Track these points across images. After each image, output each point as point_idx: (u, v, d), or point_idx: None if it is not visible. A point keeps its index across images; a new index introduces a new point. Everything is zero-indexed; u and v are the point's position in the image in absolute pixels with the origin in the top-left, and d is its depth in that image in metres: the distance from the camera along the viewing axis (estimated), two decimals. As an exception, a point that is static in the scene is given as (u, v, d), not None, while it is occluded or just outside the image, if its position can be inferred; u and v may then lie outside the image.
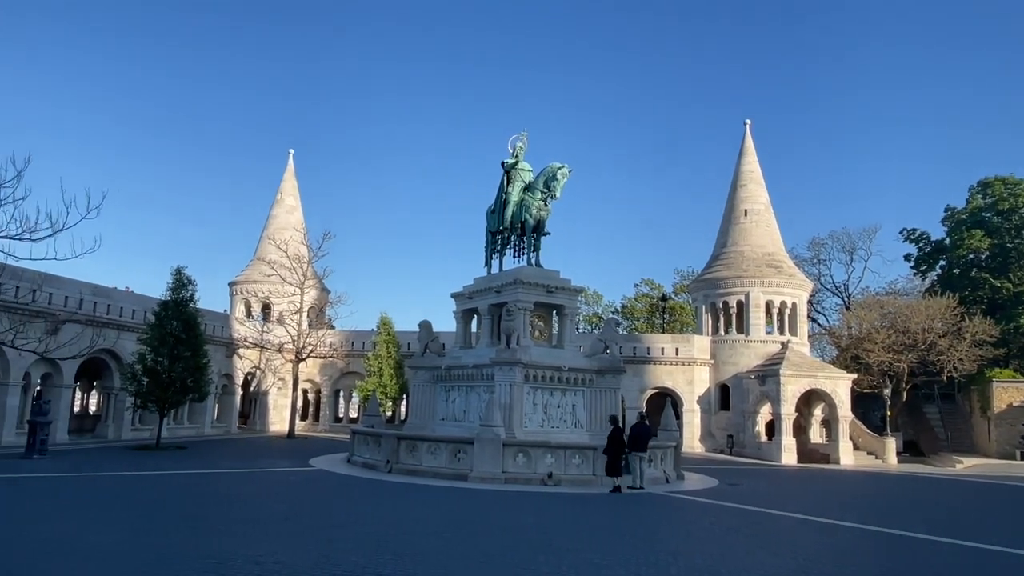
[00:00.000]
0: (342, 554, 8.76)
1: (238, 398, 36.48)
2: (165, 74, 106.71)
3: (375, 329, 38.19)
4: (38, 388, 25.40)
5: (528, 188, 23.07)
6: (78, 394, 32.30)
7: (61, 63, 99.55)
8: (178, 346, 24.69)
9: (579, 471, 18.07)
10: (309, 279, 36.37)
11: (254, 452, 25.30)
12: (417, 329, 25.76)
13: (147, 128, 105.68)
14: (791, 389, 32.57)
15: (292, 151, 46.92)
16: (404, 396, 36.27)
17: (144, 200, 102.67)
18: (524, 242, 23.36)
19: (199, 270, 72.50)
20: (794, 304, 37.09)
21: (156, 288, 77.06)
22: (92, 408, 35.59)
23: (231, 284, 44.15)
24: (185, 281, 25.78)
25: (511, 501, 14.92)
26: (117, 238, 78.15)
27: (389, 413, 36.00)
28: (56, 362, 23.34)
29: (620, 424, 17.76)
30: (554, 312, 23.05)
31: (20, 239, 16.54)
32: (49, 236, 16.79)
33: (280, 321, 38.83)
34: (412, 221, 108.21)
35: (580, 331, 38.23)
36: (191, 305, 25.82)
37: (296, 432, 34.55)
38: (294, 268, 35.09)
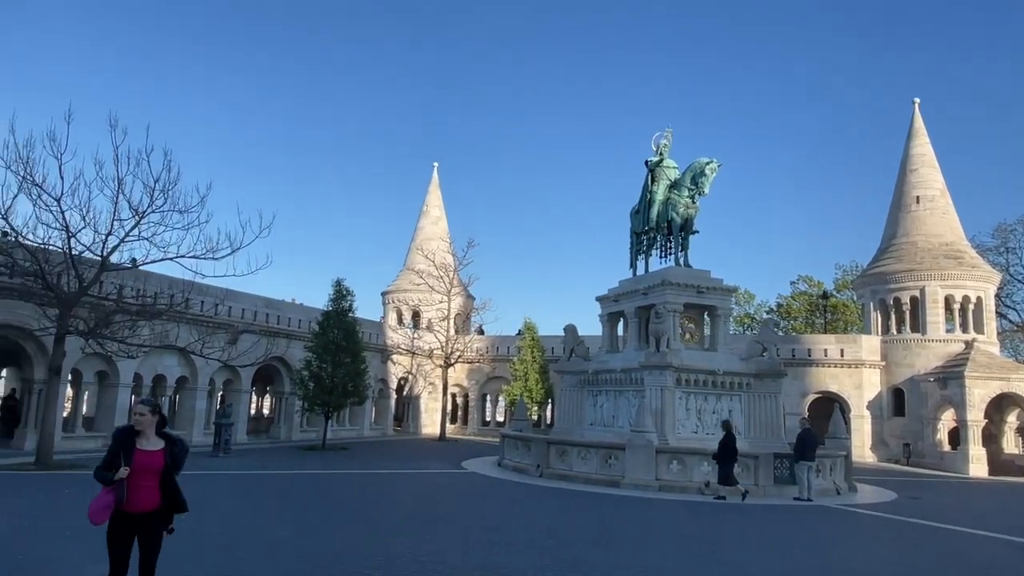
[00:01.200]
0: (503, 558, 8.74)
1: (393, 401, 38.22)
2: (315, 96, 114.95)
3: (519, 333, 38.61)
4: (221, 393, 27.96)
5: (674, 186, 22.32)
6: (253, 398, 35.18)
7: (226, 95, 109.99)
8: (340, 353, 26.22)
9: (739, 480, 17.14)
10: (455, 287, 37.48)
11: (409, 453, 26.30)
12: (562, 333, 25.71)
13: (304, 149, 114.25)
14: (978, 393, 29.19)
15: (436, 164, 48.79)
16: (550, 400, 36.37)
17: (304, 217, 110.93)
18: (671, 242, 22.61)
19: (354, 281, 77.18)
20: (978, 298, 33.26)
21: (316, 298, 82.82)
22: (265, 411, 38.68)
23: (383, 293, 46.47)
24: (344, 292, 27.41)
25: (667, 509, 14.37)
26: (283, 253, 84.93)
27: (535, 417, 36.23)
28: (236, 369, 25.52)
29: (733, 429, 16.86)
30: (705, 313, 22.10)
31: (205, 258, 18.34)
32: (229, 255, 18.52)
33: (429, 328, 40.30)
34: (553, 225, 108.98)
35: (731, 333, 36.48)
36: (350, 315, 27.37)
37: (446, 435, 35.65)
38: (441, 277, 36.30)
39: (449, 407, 39.23)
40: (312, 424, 30.59)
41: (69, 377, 21.86)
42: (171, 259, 18.17)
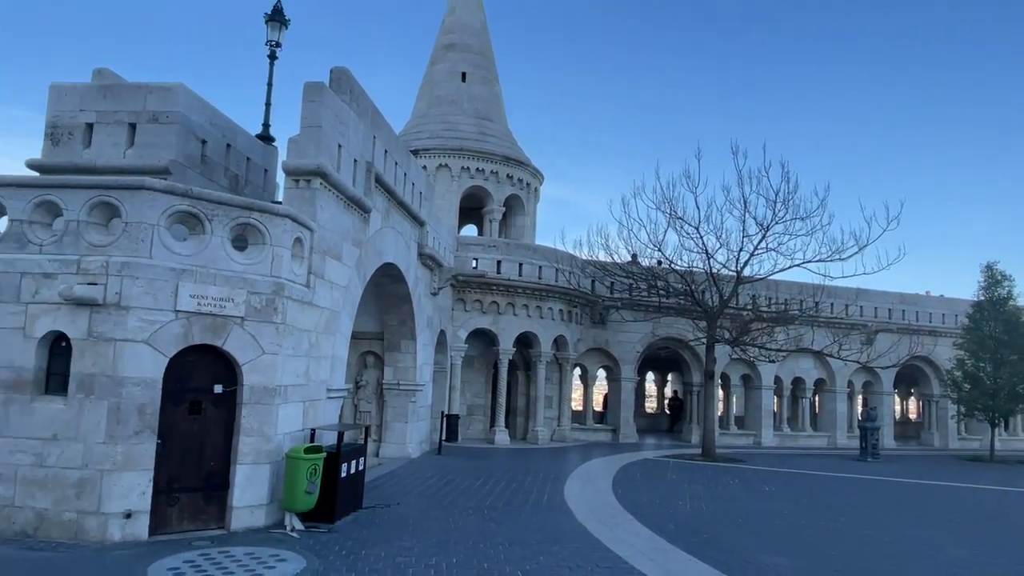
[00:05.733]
0: None
1: (1086, 409, 30.14)
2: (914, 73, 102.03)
3: None
4: (860, 395, 26.96)
5: None
6: (897, 400, 32.78)
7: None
8: (1000, 349, 22.37)
9: None
10: None
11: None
12: None
13: (935, 130, 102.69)
14: None
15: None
16: None
17: (936, 200, 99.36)
18: None
19: (1009, 263, 64.35)
20: None
21: (958, 289, 72.97)
22: (911, 415, 35.61)
23: (1053, 274, 37.53)
24: (998, 278, 23.39)
25: None
26: (916, 243, 77.51)
27: None
28: (874, 370, 24.34)
29: None
30: None
31: (831, 260, 18.74)
32: (855, 253, 18.43)
33: None
34: None
35: None
36: (1010, 303, 23.12)
37: None
38: None
39: None
40: (972, 432, 26.79)
41: (719, 380, 24.57)
42: (798, 265, 18.99)
